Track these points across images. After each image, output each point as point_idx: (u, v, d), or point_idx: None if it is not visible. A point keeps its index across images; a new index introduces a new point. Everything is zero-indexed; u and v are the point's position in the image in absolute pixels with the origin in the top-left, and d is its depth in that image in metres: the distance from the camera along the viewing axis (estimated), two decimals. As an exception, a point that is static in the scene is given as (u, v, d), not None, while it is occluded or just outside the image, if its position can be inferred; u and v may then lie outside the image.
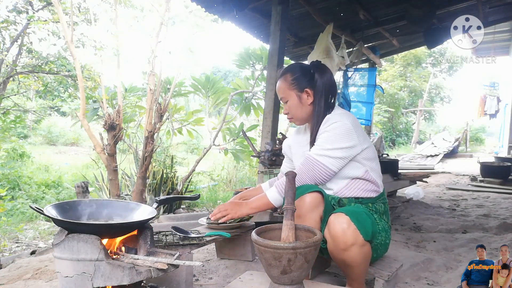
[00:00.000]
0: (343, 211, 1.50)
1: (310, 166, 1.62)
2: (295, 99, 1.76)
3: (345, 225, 1.45)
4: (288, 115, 1.81)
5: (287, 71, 1.81)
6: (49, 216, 1.46)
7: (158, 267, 1.42)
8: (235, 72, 23.40)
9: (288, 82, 1.76)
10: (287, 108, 1.79)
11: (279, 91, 1.79)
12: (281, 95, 1.79)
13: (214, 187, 6.76)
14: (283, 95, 1.78)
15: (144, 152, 3.21)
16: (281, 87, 1.78)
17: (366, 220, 1.50)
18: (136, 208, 1.74)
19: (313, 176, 1.62)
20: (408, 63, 18.64)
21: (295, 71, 1.78)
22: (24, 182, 5.77)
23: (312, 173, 1.62)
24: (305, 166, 1.64)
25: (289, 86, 1.76)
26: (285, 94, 1.77)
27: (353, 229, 1.44)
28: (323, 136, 1.64)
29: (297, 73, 1.77)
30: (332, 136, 1.61)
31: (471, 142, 16.56)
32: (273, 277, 1.33)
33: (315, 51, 5.08)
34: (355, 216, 1.47)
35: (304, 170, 1.63)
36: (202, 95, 6.08)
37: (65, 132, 13.91)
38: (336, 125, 1.61)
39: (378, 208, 1.70)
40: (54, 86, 6.33)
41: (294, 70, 1.79)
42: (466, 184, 6.92)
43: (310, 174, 1.62)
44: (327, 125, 1.64)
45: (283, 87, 1.77)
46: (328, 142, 1.61)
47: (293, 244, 1.25)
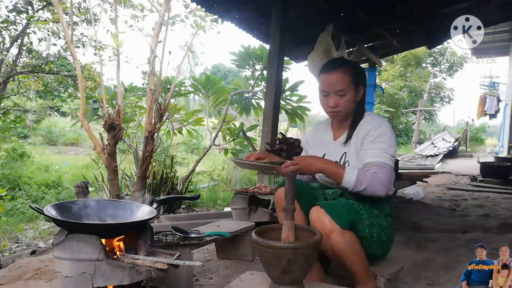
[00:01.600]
0: (319, 204, 1.58)
1: (389, 172, 1.63)
2: (352, 94, 1.72)
3: (321, 215, 1.53)
4: (336, 108, 1.73)
5: (344, 63, 1.78)
6: (49, 216, 1.46)
7: (158, 267, 1.42)
8: (235, 72, 23.41)
9: (351, 76, 1.71)
10: (341, 102, 1.71)
11: (338, 83, 1.70)
12: (339, 87, 1.70)
13: (214, 187, 6.76)
14: (343, 87, 1.70)
15: (144, 152, 3.20)
16: (342, 79, 1.70)
17: (342, 210, 1.56)
18: (136, 208, 1.74)
19: (391, 180, 1.65)
20: (408, 63, 18.65)
21: (354, 66, 1.77)
22: (24, 182, 5.77)
23: (391, 179, 1.65)
24: (384, 173, 1.61)
25: (351, 80, 1.71)
26: (345, 87, 1.70)
27: (328, 219, 1.51)
28: (382, 140, 1.65)
29: (357, 68, 1.78)
30: (390, 139, 1.68)
31: (471, 142, 16.57)
32: (273, 277, 1.33)
33: (315, 51, 5.08)
34: (329, 207, 1.55)
35: (384, 176, 1.61)
36: (202, 95, 6.08)
37: (65, 132, 13.92)
38: (389, 129, 1.69)
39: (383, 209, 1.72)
40: (54, 86, 6.32)
41: (353, 65, 1.78)
42: (466, 184, 6.92)
43: (390, 179, 1.63)
44: (381, 128, 1.67)
45: (346, 80, 1.70)
46: (390, 145, 1.66)
47: (293, 244, 1.26)
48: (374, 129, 1.67)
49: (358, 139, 1.72)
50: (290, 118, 6.20)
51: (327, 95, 1.73)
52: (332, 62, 1.82)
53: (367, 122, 1.72)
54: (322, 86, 1.75)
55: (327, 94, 1.73)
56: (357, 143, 1.72)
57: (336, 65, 1.75)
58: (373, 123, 1.69)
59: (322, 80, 1.75)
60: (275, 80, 4.33)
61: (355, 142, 1.74)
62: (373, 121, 1.70)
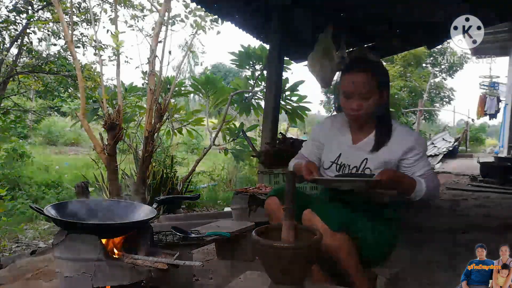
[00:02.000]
0: (310, 207, 1.58)
1: (436, 177, 1.73)
2: (377, 97, 1.63)
3: (312, 218, 1.54)
4: (359, 111, 1.63)
5: (370, 64, 1.70)
6: (49, 216, 1.46)
7: (158, 267, 1.42)
8: (235, 72, 23.41)
9: (377, 78, 1.62)
10: (365, 105, 1.61)
11: (364, 86, 1.59)
12: (364, 90, 1.60)
13: (214, 187, 6.76)
14: (368, 90, 1.60)
15: (144, 152, 3.21)
16: (368, 81, 1.60)
17: (332, 212, 1.56)
18: (136, 208, 1.74)
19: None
20: (408, 63, 18.63)
21: (381, 68, 1.70)
22: (24, 182, 5.78)
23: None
24: (435, 178, 1.69)
25: (377, 83, 1.62)
26: (370, 90, 1.60)
27: (317, 220, 1.52)
28: (424, 156, 1.70)
29: (383, 70, 1.71)
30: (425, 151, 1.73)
31: (471, 142, 16.56)
32: (273, 277, 1.33)
33: (315, 51, 5.08)
34: (319, 210, 1.55)
35: (437, 181, 1.70)
36: (202, 95, 6.08)
37: (65, 132, 13.91)
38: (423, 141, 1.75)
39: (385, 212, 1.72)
40: (54, 86, 6.33)
41: (379, 67, 1.70)
42: (466, 184, 6.92)
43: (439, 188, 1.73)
44: (423, 144, 1.71)
45: (372, 83, 1.60)
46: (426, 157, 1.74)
47: (294, 244, 1.25)
48: (419, 147, 1.66)
49: (392, 152, 1.65)
50: (290, 118, 6.20)
51: (351, 97, 1.62)
52: (358, 62, 1.73)
53: (403, 137, 1.66)
54: (346, 87, 1.64)
55: (351, 96, 1.62)
56: (390, 155, 1.65)
57: (362, 65, 1.66)
58: (415, 141, 1.66)
59: (346, 80, 1.64)
60: (275, 80, 4.33)
61: (386, 153, 1.66)
62: (412, 136, 1.68)
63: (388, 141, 1.66)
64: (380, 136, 1.68)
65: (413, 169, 1.65)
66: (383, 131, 1.68)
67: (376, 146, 1.66)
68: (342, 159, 1.72)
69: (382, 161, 1.65)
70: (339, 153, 1.74)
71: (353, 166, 1.69)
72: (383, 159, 1.65)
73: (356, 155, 1.70)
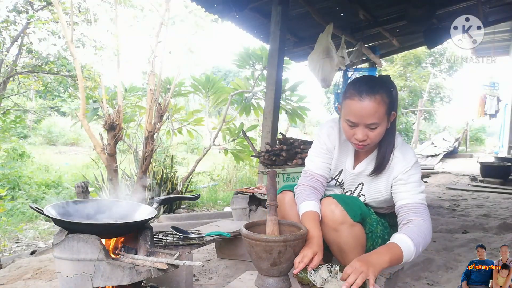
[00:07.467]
0: (331, 195, 1.56)
1: (427, 213, 1.48)
2: (385, 125, 1.45)
3: (333, 206, 1.51)
4: (364, 141, 1.45)
5: (380, 88, 1.41)
6: (49, 216, 1.46)
7: (158, 267, 1.42)
8: (235, 72, 23.38)
9: (386, 104, 1.41)
10: (371, 135, 1.43)
11: (371, 116, 1.39)
12: (372, 120, 1.40)
13: (214, 187, 6.77)
14: (377, 120, 1.40)
15: (144, 152, 3.21)
16: (377, 110, 1.39)
17: (354, 203, 1.54)
18: (136, 208, 1.75)
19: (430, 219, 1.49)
20: (408, 63, 18.63)
21: (390, 91, 1.45)
22: (24, 182, 5.77)
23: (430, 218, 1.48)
24: (425, 217, 1.44)
25: (386, 109, 1.41)
26: (379, 119, 1.40)
27: (340, 210, 1.49)
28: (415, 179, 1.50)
29: (393, 92, 1.46)
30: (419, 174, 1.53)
31: (471, 142, 16.55)
32: (262, 270, 1.39)
33: (315, 51, 5.09)
34: (342, 199, 1.53)
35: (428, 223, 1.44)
36: (202, 95, 6.08)
37: (65, 132, 13.90)
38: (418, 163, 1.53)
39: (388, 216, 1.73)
40: (54, 86, 6.32)
41: (389, 89, 1.45)
42: (466, 184, 6.92)
43: (430, 220, 1.47)
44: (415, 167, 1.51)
45: (380, 111, 1.40)
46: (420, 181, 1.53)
47: (283, 237, 1.33)
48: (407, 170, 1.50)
49: (389, 179, 1.54)
50: (290, 118, 6.21)
51: (355, 126, 1.44)
52: (366, 85, 1.41)
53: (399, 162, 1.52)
54: (350, 116, 1.42)
55: (355, 126, 1.43)
56: (387, 182, 1.55)
57: (371, 91, 1.39)
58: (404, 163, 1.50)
59: (350, 108, 1.42)
60: (275, 80, 4.33)
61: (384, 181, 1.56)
62: (404, 161, 1.51)
63: (388, 165, 1.54)
64: (380, 160, 1.54)
65: (397, 196, 1.51)
66: (385, 155, 1.53)
67: (374, 171, 1.56)
68: (342, 177, 1.69)
69: (377, 190, 1.60)
70: (340, 170, 1.68)
71: (347, 190, 1.68)
72: (378, 189, 1.59)
73: (353, 180, 1.65)
